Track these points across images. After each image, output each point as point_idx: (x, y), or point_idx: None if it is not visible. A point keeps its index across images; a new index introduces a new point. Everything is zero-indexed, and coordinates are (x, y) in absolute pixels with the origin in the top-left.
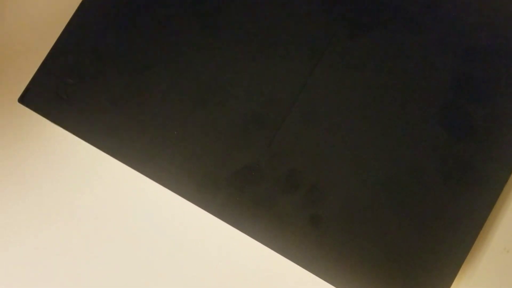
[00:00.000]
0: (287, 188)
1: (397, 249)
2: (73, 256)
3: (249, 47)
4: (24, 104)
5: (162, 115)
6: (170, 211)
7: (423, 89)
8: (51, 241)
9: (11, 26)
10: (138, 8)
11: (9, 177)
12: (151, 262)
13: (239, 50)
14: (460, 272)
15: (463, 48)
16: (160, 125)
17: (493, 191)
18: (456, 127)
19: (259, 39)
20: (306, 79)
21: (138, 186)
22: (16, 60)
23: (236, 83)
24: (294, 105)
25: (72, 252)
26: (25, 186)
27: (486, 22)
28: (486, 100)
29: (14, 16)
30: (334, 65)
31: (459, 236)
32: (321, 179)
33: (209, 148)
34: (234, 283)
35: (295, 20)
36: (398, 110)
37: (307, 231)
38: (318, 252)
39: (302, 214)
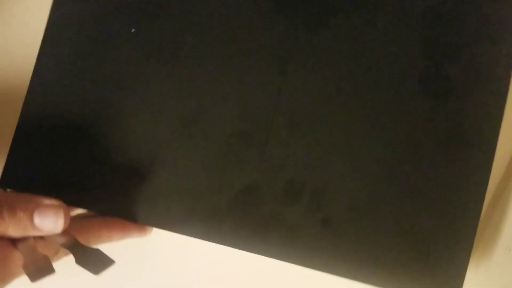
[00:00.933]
0: (290, 199)
1: (410, 234)
2: None
3: (215, 69)
4: (5, 187)
5: (146, 159)
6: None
7: (396, 64)
8: None
9: None
10: (98, 53)
11: None
12: None
13: (205, 75)
14: None
15: (421, 12)
16: (147, 169)
17: (488, 147)
18: (437, 91)
19: (222, 58)
20: (280, 85)
21: None
22: None
23: (212, 108)
24: (275, 114)
25: None
26: None
27: None
28: (458, 55)
29: None
30: (302, 63)
31: (466, 206)
32: (321, 181)
33: (202, 179)
34: None
35: (251, 30)
36: (377, 91)
37: (321, 235)
38: (336, 253)
39: (312, 221)
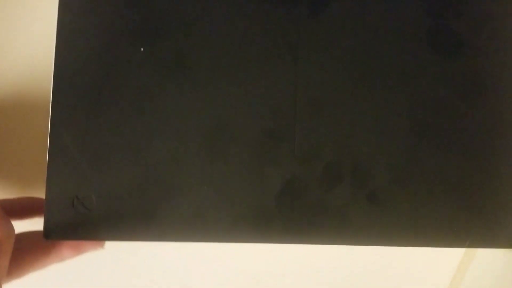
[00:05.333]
0: (333, 183)
1: (457, 189)
2: None
3: (230, 73)
4: (52, 238)
5: (181, 179)
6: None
7: (402, 28)
8: None
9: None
10: (112, 81)
11: None
12: None
13: (221, 82)
14: (464, 271)
15: None
16: (184, 188)
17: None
18: (447, 46)
19: (235, 61)
20: (295, 75)
21: None
22: None
23: (235, 113)
24: (296, 104)
25: None
26: None
27: None
28: (464, 11)
29: None
30: (312, 46)
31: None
32: (357, 157)
33: (243, 185)
34: None
35: (257, 27)
36: (389, 58)
37: (370, 211)
38: (389, 224)
39: (358, 199)
